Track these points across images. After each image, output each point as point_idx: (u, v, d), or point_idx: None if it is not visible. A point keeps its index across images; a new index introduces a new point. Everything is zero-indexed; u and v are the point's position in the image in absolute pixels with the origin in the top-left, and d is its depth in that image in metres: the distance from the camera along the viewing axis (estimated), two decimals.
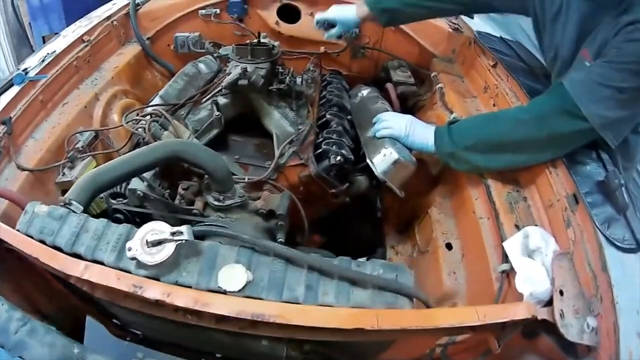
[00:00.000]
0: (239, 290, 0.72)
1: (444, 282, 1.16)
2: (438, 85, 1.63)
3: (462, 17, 1.83)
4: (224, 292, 0.72)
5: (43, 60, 1.46)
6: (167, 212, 1.16)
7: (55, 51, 1.51)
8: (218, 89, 1.41)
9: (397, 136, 1.30)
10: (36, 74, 1.41)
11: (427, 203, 1.42)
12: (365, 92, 1.67)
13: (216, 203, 1.13)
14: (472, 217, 1.19)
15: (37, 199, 0.96)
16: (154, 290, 0.71)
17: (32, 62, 1.46)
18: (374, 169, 1.28)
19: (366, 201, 1.50)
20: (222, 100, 1.42)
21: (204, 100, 1.48)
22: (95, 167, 1.26)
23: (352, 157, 1.36)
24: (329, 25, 1.63)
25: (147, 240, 0.73)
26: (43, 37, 2.99)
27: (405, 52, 1.91)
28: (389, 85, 1.76)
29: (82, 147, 1.36)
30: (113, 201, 1.22)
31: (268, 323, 0.69)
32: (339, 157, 1.31)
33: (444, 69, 1.75)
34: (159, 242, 0.73)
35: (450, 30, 1.80)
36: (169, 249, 0.72)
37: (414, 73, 1.83)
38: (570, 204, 0.99)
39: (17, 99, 1.32)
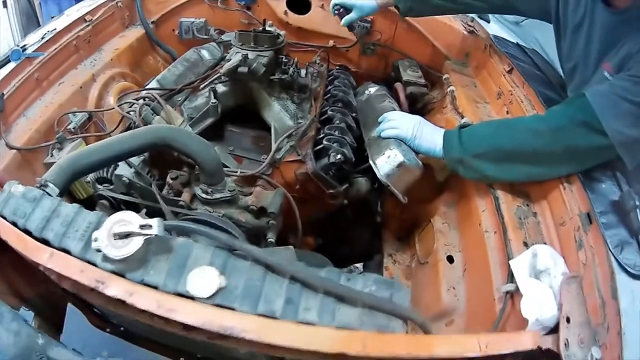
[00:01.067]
0: (209, 297, 0.64)
1: (442, 297, 1.09)
2: (449, 88, 1.55)
3: (478, 20, 1.75)
4: (192, 298, 0.65)
5: (43, 38, 1.43)
6: (153, 202, 1.10)
7: (55, 29, 1.47)
8: (217, 75, 1.34)
9: (403, 137, 1.22)
10: (33, 51, 1.38)
11: (430, 211, 1.34)
12: (372, 90, 1.59)
13: (204, 196, 1.07)
14: (478, 230, 1.11)
15: (24, 179, 0.91)
16: (116, 288, 0.64)
17: (32, 39, 1.45)
18: (376, 171, 1.20)
19: (366, 204, 1.42)
20: (220, 88, 1.36)
21: (202, 87, 1.42)
22: None
23: (353, 157, 1.28)
24: (344, 10, 1.57)
25: (114, 232, 0.66)
26: (52, 18, 2.96)
27: (417, 52, 1.83)
28: (398, 85, 1.68)
29: (73, 128, 1.32)
30: (99, 186, 1.17)
31: (238, 337, 0.61)
32: (339, 156, 1.23)
33: (457, 72, 1.67)
34: (126, 235, 0.66)
35: (466, 32, 1.71)
36: (136, 243, 0.65)
37: (424, 74, 1.75)
38: (583, 223, 0.91)
39: (12, 76, 1.31)
